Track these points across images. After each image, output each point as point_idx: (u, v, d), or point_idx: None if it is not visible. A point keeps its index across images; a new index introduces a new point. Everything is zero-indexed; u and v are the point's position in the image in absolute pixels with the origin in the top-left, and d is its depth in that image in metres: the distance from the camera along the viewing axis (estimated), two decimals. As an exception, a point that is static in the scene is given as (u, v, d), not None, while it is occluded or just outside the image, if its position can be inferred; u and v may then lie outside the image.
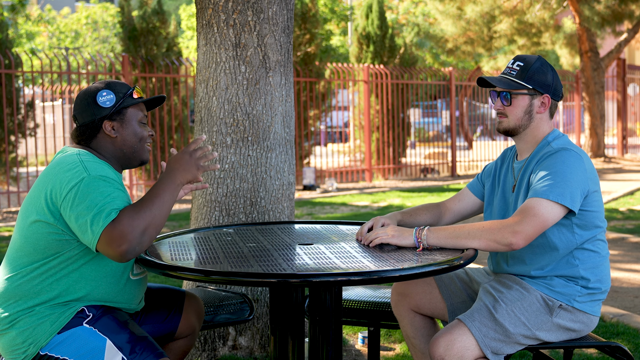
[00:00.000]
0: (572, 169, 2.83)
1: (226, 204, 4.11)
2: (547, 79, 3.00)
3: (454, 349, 2.77)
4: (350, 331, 4.88)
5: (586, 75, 20.52)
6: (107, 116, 2.83)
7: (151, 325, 3.06)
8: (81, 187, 2.57)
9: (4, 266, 2.76)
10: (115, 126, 2.85)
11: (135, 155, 2.90)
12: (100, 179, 2.61)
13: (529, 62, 3.01)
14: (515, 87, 3.01)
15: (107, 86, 2.86)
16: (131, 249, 2.49)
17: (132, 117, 2.88)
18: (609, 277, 3.01)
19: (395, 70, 16.40)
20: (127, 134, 2.86)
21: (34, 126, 12.88)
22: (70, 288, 2.69)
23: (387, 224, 3.12)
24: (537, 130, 3.04)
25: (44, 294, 2.67)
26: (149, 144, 2.94)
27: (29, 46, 29.40)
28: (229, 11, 4.03)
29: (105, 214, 2.51)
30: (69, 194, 2.58)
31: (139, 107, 2.91)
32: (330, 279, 2.49)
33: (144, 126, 2.91)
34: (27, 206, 2.72)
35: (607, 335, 4.65)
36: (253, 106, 4.08)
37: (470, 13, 20.75)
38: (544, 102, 3.02)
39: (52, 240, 2.65)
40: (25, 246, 2.69)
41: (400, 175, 16.80)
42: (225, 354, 4.20)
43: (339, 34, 31.10)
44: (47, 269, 2.67)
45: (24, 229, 2.70)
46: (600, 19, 19.32)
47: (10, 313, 2.68)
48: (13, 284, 2.69)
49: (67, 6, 39.08)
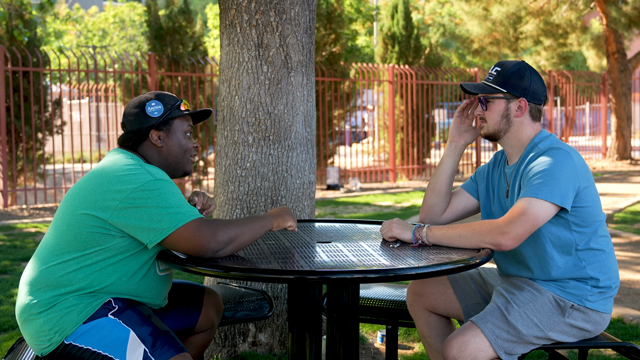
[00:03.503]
0: (560, 167, 2.84)
1: (247, 202, 4.16)
2: (523, 83, 3.01)
3: (467, 351, 2.79)
4: (370, 329, 4.92)
5: (613, 77, 20.37)
6: (154, 125, 2.94)
7: (172, 319, 3.12)
8: (150, 187, 2.68)
9: (37, 254, 2.82)
10: (162, 136, 2.95)
11: (179, 166, 3.01)
12: (168, 182, 2.73)
13: (506, 67, 3.04)
14: (490, 91, 3.04)
15: (157, 97, 2.97)
16: (216, 248, 2.67)
17: (178, 128, 2.98)
18: (617, 273, 3.02)
19: (420, 70, 16.39)
20: (173, 145, 2.97)
21: (61, 124, 13.02)
22: (101, 280, 2.75)
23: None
24: (520, 134, 3.05)
25: (75, 283, 2.73)
26: (194, 155, 3.05)
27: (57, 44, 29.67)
28: (251, 12, 4.08)
29: (187, 214, 2.67)
30: (133, 193, 2.67)
31: (185, 119, 3.02)
32: (347, 276, 2.52)
33: (189, 138, 3.02)
34: (76, 197, 2.78)
35: (627, 337, 4.65)
36: (275, 106, 4.13)
37: (496, 14, 20.68)
38: (520, 105, 3.03)
39: (94, 233, 2.72)
40: (66, 234, 2.76)
41: (424, 176, 16.79)
42: (245, 350, 4.25)
43: (364, 34, 31.10)
44: (83, 260, 2.74)
45: (70, 218, 2.76)
46: (627, 20, 19.17)
47: (40, 300, 2.74)
48: (46, 271, 2.75)
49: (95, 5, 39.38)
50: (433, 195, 3.28)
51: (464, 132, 3.29)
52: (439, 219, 3.29)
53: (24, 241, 8.61)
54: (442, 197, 3.28)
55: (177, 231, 2.65)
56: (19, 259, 7.48)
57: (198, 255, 2.67)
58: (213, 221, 2.72)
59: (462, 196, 3.31)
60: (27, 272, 2.83)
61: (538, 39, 21.61)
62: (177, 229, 2.65)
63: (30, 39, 12.48)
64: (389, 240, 3.04)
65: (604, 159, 21.29)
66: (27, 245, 8.27)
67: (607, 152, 21.34)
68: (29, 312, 2.76)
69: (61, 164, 16.96)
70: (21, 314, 2.79)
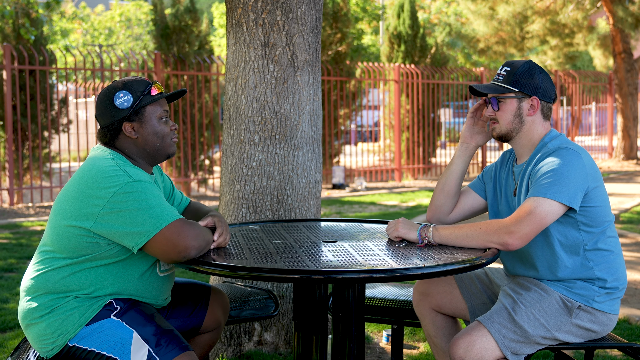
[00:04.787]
0: (569, 166, 2.83)
1: (253, 201, 4.16)
2: (534, 82, 3.01)
3: (474, 351, 2.79)
4: (375, 329, 4.91)
5: (619, 77, 20.33)
6: (125, 117, 2.82)
7: (177, 319, 3.10)
8: (129, 189, 2.63)
9: (35, 258, 2.82)
10: (135, 127, 2.84)
11: (159, 152, 2.90)
12: (146, 183, 2.68)
13: (516, 66, 3.03)
14: (502, 91, 3.02)
15: (124, 86, 2.83)
16: (193, 254, 2.64)
17: (152, 115, 2.85)
18: (625, 274, 3.01)
19: (426, 70, 16.37)
20: (148, 134, 2.85)
21: (67, 122, 13.04)
22: (99, 283, 2.73)
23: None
24: (531, 133, 3.05)
25: (73, 287, 2.72)
26: (174, 138, 2.93)
27: (63, 43, 29.72)
28: (258, 11, 4.08)
29: (169, 214, 2.63)
30: (113, 197, 2.62)
31: (158, 104, 2.87)
32: (353, 276, 2.52)
33: (165, 122, 2.89)
34: (61, 206, 2.74)
35: (633, 338, 4.64)
36: (281, 105, 4.12)
37: (502, 13, 20.64)
38: (532, 104, 3.02)
39: (83, 242, 2.69)
40: (57, 243, 2.74)
41: (429, 175, 16.77)
42: (251, 349, 4.25)
43: (370, 33, 31.08)
44: (77, 266, 2.72)
45: (58, 228, 2.74)
46: (634, 20, 19.13)
47: (40, 304, 2.73)
48: (44, 276, 2.74)
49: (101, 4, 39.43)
50: (442, 195, 3.28)
51: (476, 134, 3.28)
52: (446, 218, 3.28)
53: (29, 239, 8.63)
54: (450, 198, 3.27)
55: (160, 232, 2.61)
56: (24, 257, 7.49)
57: (179, 256, 2.63)
58: (195, 223, 2.71)
59: (469, 195, 3.30)
60: (26, 277, 2.82)
61: (544, 38, 21.56)
62: (160, 230, 2.61)
63: (36, 38, 12.50)
64: (394, 240, 3.04)
65: (610, 159, 21.25)
66: (33, 244, 8.29)
67: (613, 152, 21.30)
68: (30, 317, 2.75)
69: (67, 162, 16.99)
70: (23, 319, 2.79)
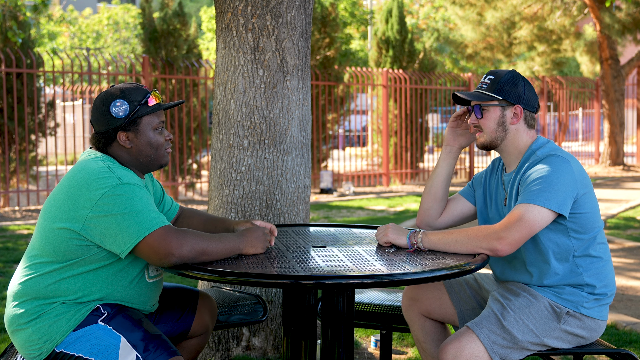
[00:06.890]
0: (558, 173, 2.85)
1: (242, 206, 4.15)
2: (517, 90, 3.03)
3: (463, 356, 2.79)
4: (364, 334, 4.91)
5: (606, 83, 20.42)
6: (120, 127, 2.80)
7: (165, 324, 3.09)
8: (117, 192, 2.61)
9: (22, 264, 2.80)
10: (130, 136, 2.81)
11: (152, 163, 2.88)
12: (135, 187, 2.66)
13: (500, 75, 3.05)
14: (486, 98, 3.04)
15: (122, 94, 2.79)
16: (180, 259, 2.60)
17: (147, 126, 2.82)
18: (614, 280, 3.03)
19: (414, 75, 16.41)
20: (142, 144, 2.83)
21: (55, 125, 12.99)
22: (87, 289, 2.72)
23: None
24: (516, 141, 3.06)
25: (60, 293, 2.70)
26: (168, 148, 2.91)
27: (51, 46, 29.61)
28: (247, 15, 4.08)
29: (155, 220, 2.61)
30: (101, 199, 2.61)
31: (155, 114, 2.85)
32: (343, 282, 2.52)
33: (160, 133, 2.87)
34: (51, 209, 2.73)
35: (620, 343, 4.65)
36: (270, 109, 4.12)
37: (490, 19, 20.73)
38: (516, 112, 3.04)
39: (72, 245, 2.67)
40: (46, 247, 2.72)
41: (417, 180, 16.80)
42: (239, 354, 4.24)
43: (358, 38, 31.12)
44: (65, 271, 2.70)
45: (47, 231, 2.72)
46: (621, 27, 19.22)
47: (27, 310, 2.71)
48: (30, 282, 2.72)
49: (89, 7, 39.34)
50: (429, 198, 3.29)
51: (459, 136, 3.30)
52: (435, 222, 3.29)
53: (16, 243, 8.58)
54: (438, 201, 3.28)
55: (144, 240, 2.59)
56: (11, 261, 7.46)
57: (161, 262, 2.61)
58: (182, 231, 2.65)
59: (459, 201, 3.31)
60: (13, 282, 2.80)
61: (532, 44, 21.65)
62: (145, 237, 2.59)
63: (24, 41, 12.45)
64: (384, 245, 3.04)
65: (596, 164, 21.34)
66: (20, 248, 8.25)
67: (599, 158, 21.39)
68: (17, 323, 2.74)
69: (54, 166, 16.92)
70: (10, 325, 2.77)
